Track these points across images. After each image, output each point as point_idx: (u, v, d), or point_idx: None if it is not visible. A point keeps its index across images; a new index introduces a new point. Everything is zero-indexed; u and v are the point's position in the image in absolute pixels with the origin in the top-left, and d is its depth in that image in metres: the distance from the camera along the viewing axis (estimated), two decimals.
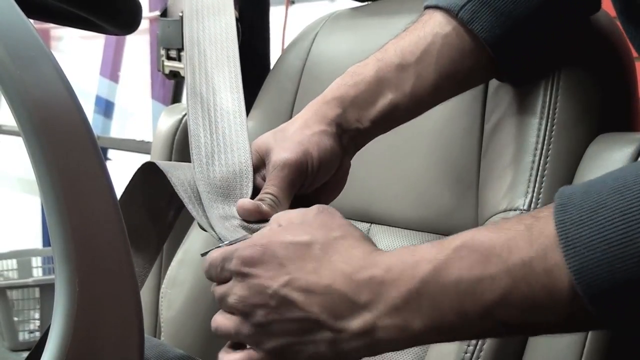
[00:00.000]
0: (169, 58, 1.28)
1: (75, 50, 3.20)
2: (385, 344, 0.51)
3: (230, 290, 0.56)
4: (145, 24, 2.60)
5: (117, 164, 2.47)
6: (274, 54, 1.20)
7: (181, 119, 1.14)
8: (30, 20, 0.46)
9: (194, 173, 0.65)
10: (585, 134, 0.73)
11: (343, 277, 0.52)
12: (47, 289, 2.17)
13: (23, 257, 2.42)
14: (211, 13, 0.76)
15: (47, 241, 2.79)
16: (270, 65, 1.21)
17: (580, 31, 0.76)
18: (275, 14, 1.49)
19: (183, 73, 1.27)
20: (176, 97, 1.60)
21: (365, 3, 1.06)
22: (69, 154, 0.43)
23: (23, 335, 2.19)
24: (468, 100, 0.83)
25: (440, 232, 0.84)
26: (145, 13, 1.87)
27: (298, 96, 1.03)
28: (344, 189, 0.74)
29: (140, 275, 0.68)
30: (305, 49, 1.05)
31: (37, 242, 3.04)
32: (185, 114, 1.14)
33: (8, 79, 0.42)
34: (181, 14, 1.21)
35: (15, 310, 2.18)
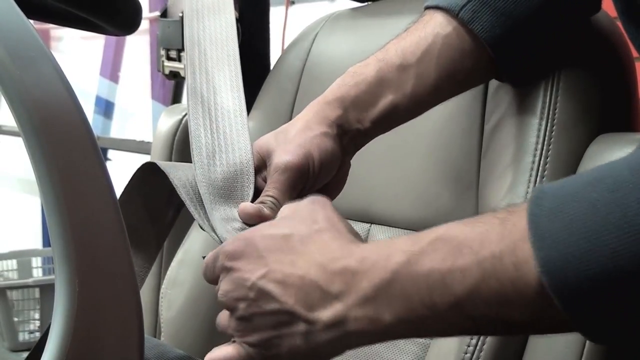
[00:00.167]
0: (169, 58, 1.28)
1: (75, 51, 3.20)
2: (357, 336, 0.51)
3: (219, 286, 0.57)
4: (145, 25, 2.60)
5: (117, 164, 2.47)
6: (274, 54, 1.20)
7: (181, 119, 1.14)
8: (30, 20, 0.46)
9: (195, 174, 0.65)
10: (585, 134, 0.73)
11: (317, 268, 0.52)
12: (47, 289, 2.17)
13: (23, 258, 2.42)
14: (211, 13, 0.76)
15: (47, 241, 2.79)
16: (270, 65, 1.21)
17: (580, 31, 0.76)
18: (275, 14, 1.49)
19: (183, 73, 1.27)
20: (176, 98, 1.60)
21: (366, 3, 1.06)
22: (69, 154, 0.43)
23: (23, 336, 2.19)
24: (468, 101, 0.83)
25: None
26: (145, 13, 1.87)
27: (298, 96, 1.03)
28: (344, 189, 0.74)
29: (140, 275, 0.68)
30: (305, 50, 1.05)
31: (37, 243, 3.04)
32: (185, 115, 1.14)
33: (8, 79, 0.42)
34: (181, 14, 1.21)
35: (15, 311, 2.18)
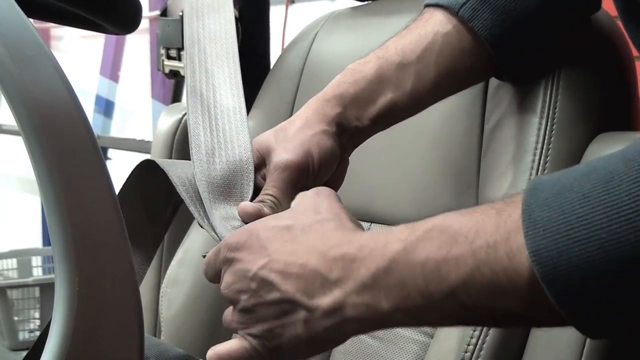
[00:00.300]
0: (169, 57, 1.28)
1: (75, 50, 3.20)
2: (354, 323, 0.52)
3: (222, 279, 0.58)
4: (145, 24, 2.60)
5: (117, 163, 2.47)
6: (274, 54, 1.20)
7: (181, 118, 1.15)
8: (30, 19, 0.46)
9: (194, 172, 0.65)
10: (585, 134, 0.73)
11: (318, 255, 0.53)
12: (47, 289, 2.17)
13: (23, 257, 2.41)
14: (211, 11, 0.76)
15: (47, 241, 2.79)
16: (270, 65, 1.21)
17: (580, 30, 0.76)
18: (275, 13, 1.48)
19: (183, 72, 1.27)
20: (176, 97, 1.60)
21: (365, 2, 1.06)
22: (69, 153, 0.43)
23: (23, 335, 2.18)
24: (468, 100, 0.83)
25: None
26: (145, 12, 1.87)
27: (298, 96, 1.03)
28: (345, 188, 0.74)
29: (138, 273, 0.68)
30: (305, 49, 1.05)
31: (37, 242, 3.04)
32: (185, 114, 1.14)
33: (8, 79, 0.42)
34: (181, 13, 1.21)
35: (15, 310, 2.18)
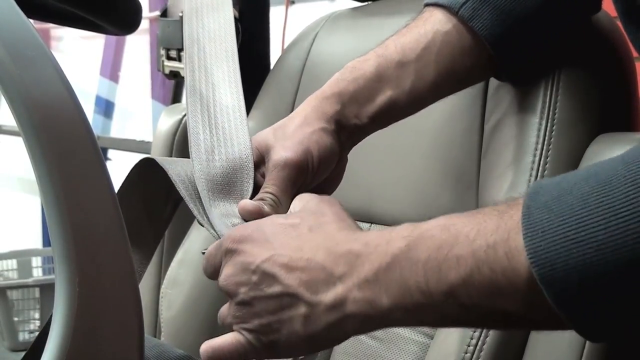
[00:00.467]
0: (169, 58, 1.28)
1: (75, 50, 3.19)
2: (355, 319, 0.52)
3: (221, 271, 0.58)
4: (145, 24, 2.59)
5: (117, 163, 2.47)
6: (274, 54, 1.20)
7: (181, 119, 1.15)
8: (31, 20, 0.46)
9: (193, 169, 0.65)
10: (585, 134, 0.73)
11: (324, 251, 0.53)
12: (47, 289, 2.17)
13: (23, 257, 2.41)
14: (210, 11, 0.76)
15: (47, 241, 2.79)
16: (270, 65, 1.21)
17: (580, 31, 0.76)
18: (275, 14, 1.48)
19: (183, 73, 1.27)
20: (176, 97, 1.60)
21: (365, 3, 1.06)
22: (69, 154, 0.43)
23: (23, 335, 2.18)
24: (468, 100, 0.83)
25: None
26: (145, 13, 1.87)
27: (298, 96, 1.03)
28: (345, 188, 0.74)
29: (138, 271, 0.68)
30: (305, 49, 1.05)
31: (37, 242, 3.04)
32: (185, 114, 1.14)
33: (8, 79, 0.42)
34: (181, 14, 1.21)
35: (15, 310, 2.18)
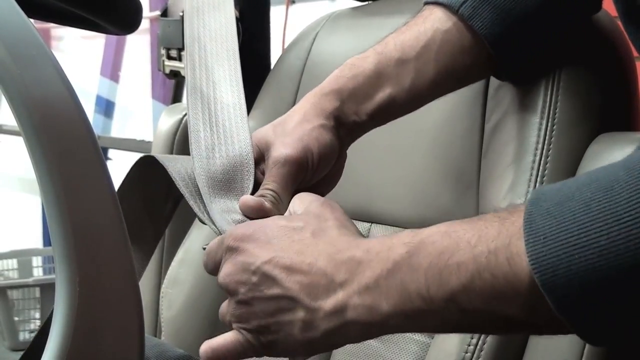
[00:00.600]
0: (170, 58, 1.28)
1: (76, 50, 3.20)
2: (354, 326, 0.52)
3: (221, 268, 0.58)
4: (145, 24, 2.60)
5: (118, 163, 2.47)
6: (274, 54, 1.20)
7: (181, 118, 1.15)
8: (31, 19, 0.46)
9: (193, 167, 0.65)
10: (585, 134, 0.73)
11: (326, 257, 0.53)
12: (48, 289, 2.17)
13: (23, 257, 2.41)
14: (211, 10, 0.76)
15: (48, 241, 2.79)
16: (271, 65, 1.21)
17: (580, 30, 0.76)
18: (276, 14, 1.48)
19: (183, 72, 1.27)
20: (177, 97, 1.60)
21: (366, 3, 1.06)
22: (69, 153, 0.43)
23: (23, 335, 2.18)
24: (468, 100, 0.83)
25: None
26: (146, 13, 1.87)
27: (298, 96, 1.03)
28: (345, 188, 0.74)
29: (138, 269, 0.68)
30: (305, 49, 1.05)
31: (38, 242, 3.04)
32: (185, 114, 1.14)
33: (8, 79, 0.42)
34: (181, 13, 1.21)
35: (15, 310, 2.18)
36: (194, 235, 1.02)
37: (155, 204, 0.70)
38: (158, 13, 1.31)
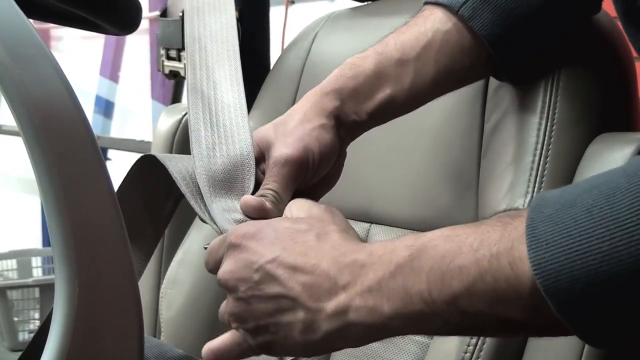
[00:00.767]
0: (169, 58, 1.28)
1: (75, 50, 3.20)
2: (357, 328, 0.52)
3: (221, 265, 0.58)
4: (145, 24, 2.60)
5: (117, 163, 2.47)
6: (274, 54, 1.20)
7: (181, 119, 1.14)
8: (30, 20, 0.46)
9: (194, 166, 0.65)
10: (585, 134, 0.73)
11: (330, 259, 0.53)
12: (47, 289, 2.17)
13: (23, 257, 2.41)
14: (212, 10, 0.76)
15: (47, 241, 2.78)
16: (270, 65, 1.21)
17: (580, 31, 0.76)
18: (275, 14, 1.48)
19: (183, 73, 1.27)
20: (176, 97, 1.60)
21: (365, 3, 1.06)
22: (68, 153, 0.43)
23: (23, 335, 2.18)
24: (468, 100, 0.83)
25: None
26: (145, 13, 1.87)
27: (298, 96, 1.03)
28: (345, 189, 0.74)
29: (138, 269, 0.68)
30: (305, 49, 1.05)
31: (37, 242, 3.04)
32: (185, 114, 1.14)
33: (8, 79, 0.42)
34: (181, 13, 1.21)
35: (15, 310, 2.18)
36: (194, 235, 1.02)
37: (155, 203, 0.70)
38: (157, 13, 1.31)
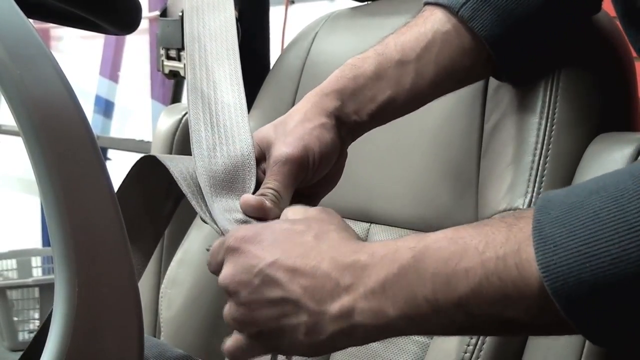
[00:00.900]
0: (169, 58, 1.28)
1: (75, 50, 3.20)
2: (362, 329, 0.52)
3: (222, 270, 0.57)
4: (145, 24, 2.59)
5: (117, 163, 2.47)
6: (274, 54, 1.20)
7: (181, 118, 1.14)
8: (30, 20, 0.46)
9: (195, 166, 0.65)
10: (585, 134, 0.73)
11: (329, 260, 0.53)
12: (47, 289, 2.17)
13: (23, 257, 2.41)
14: (211, 9, 0.76)
15: (47, 241, 2.79)
16: (270, 65, 1.21)
17: (580, 31, 0.76)
18: (275, 14, 1.48)
19: (183, 73, 1.27)
20: (176, 97, 1.60)
21: (365, 3, 1.06)
22: (68, 153, 0.43)
23: (23, 335, 2.18)
24: (468, 100, 0.83)
25: None
26: (145, 13, 1.87)
27: (298, 96, 1.03)
28: (345, 188, 0.74)
29: (138, 269, 0.68)
30: (304, 49, 1.05)
31: (37, 242, 3.04)
32: (185, 114, 1.14)
33: (7, 79, 0.42)
34: (181, 13, 1.21)
35: (14, 310, 2.18)
36: (193, 235, 1.02)
37: (155, 204, 0.70)
38: (157, 13, 1.31)
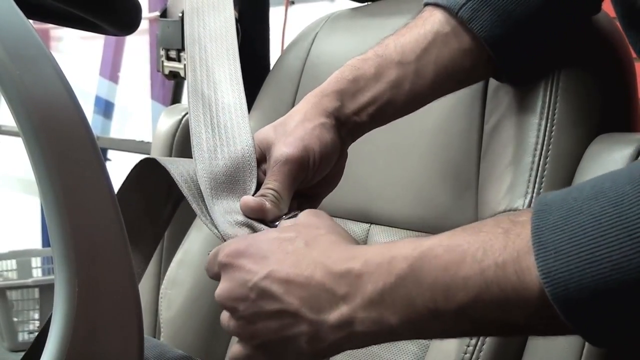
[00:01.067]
0: (169, 58, 1.28)
1: (75, 51, 3.19)
2: (364, 336, 0.52)
3: (219, 286, 0.57)
4: (145, 25, 2.59)
5: (117, 164, 2.47)
6: (274, 55, 1.20)
7: (181, 119, 1.14)
8: (30, 20, 0.46)
9: (195, 168, 0.65)
10: (585, 134, 0.73)
11: (322, 269, 0.53)
12: (47, 290, 2.17)
13: (23, 258, 2.41)
14: (211, 10, 0.76)
15: (47, 241, 2.79)
16: (270, 65, 1.21)
17: (580, 32, 0.76)
18: (275, 14, 1.48)
19: (183, 73, 1.27)
20: (176, 98, 1.60)
21: (365, 3, 1.06)
22: (68, 154, 0.43)
23: (22, 336, 2.19)
24: (468, 101, 0.83)
25: (440, 233, 0.84)
26: (145, 13, 1.87)
27: (298, 96, 1.03)
28: (344, 189, 0.74)
29: (138, 271, 0.68)
30: (304, 50, 1.05)
31: (37, 243, 3.04)
32: (185, 114, 1.14)
33: (7, 79, 0.42)
34: (181, 14, 1.21)
35: (14, 311, 2.18)
36: (193, 236, 1.02)
37: (155, 205, 0.70)
38: (157, 14, 1.31)
